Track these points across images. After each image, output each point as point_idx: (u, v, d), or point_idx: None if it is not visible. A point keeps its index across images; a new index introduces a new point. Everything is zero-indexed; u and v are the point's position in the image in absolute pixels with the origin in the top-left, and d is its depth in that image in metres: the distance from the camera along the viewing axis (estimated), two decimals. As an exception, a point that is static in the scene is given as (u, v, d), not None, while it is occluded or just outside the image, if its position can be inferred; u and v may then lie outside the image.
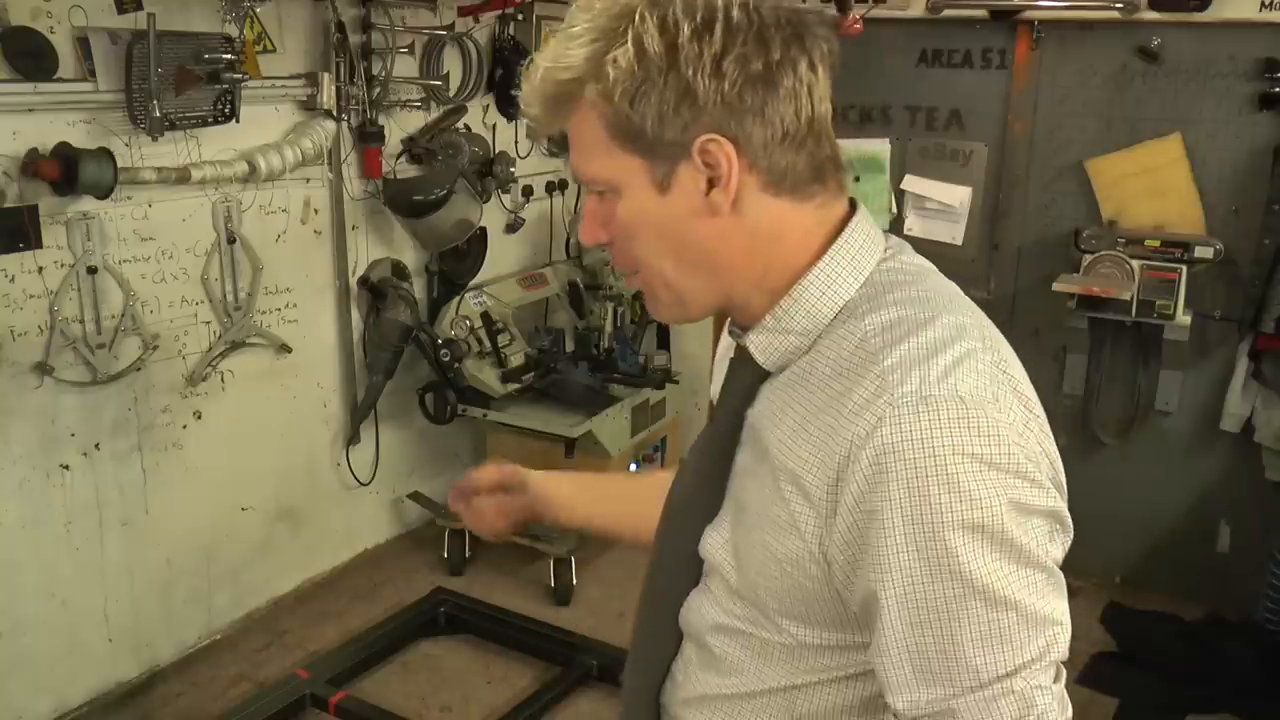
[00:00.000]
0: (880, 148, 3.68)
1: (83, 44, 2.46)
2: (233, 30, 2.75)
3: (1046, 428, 0.87)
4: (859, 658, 0.90)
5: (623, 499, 1.37)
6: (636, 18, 0.84)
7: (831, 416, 0.84)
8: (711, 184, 0.87)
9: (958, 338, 0.84)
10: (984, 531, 0.78)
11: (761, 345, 0.94)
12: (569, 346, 3.85)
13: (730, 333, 1.01)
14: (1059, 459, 0.87)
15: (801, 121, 0.87)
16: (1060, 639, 0.82)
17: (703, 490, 0.99)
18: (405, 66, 3.34)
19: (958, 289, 0.95)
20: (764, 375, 0.95)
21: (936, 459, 0.78)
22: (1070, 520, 0.86)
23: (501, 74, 3.66)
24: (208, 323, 2.93)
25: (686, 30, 0.84)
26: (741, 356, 0.97)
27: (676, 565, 1.01)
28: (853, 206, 0.95)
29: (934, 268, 0.98)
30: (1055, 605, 0.82)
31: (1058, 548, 0.84)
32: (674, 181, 0.88)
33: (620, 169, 0.89)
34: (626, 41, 0.84)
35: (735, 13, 0.85)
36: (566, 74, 0.87)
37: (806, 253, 0.92)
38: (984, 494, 0.78)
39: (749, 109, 0.85)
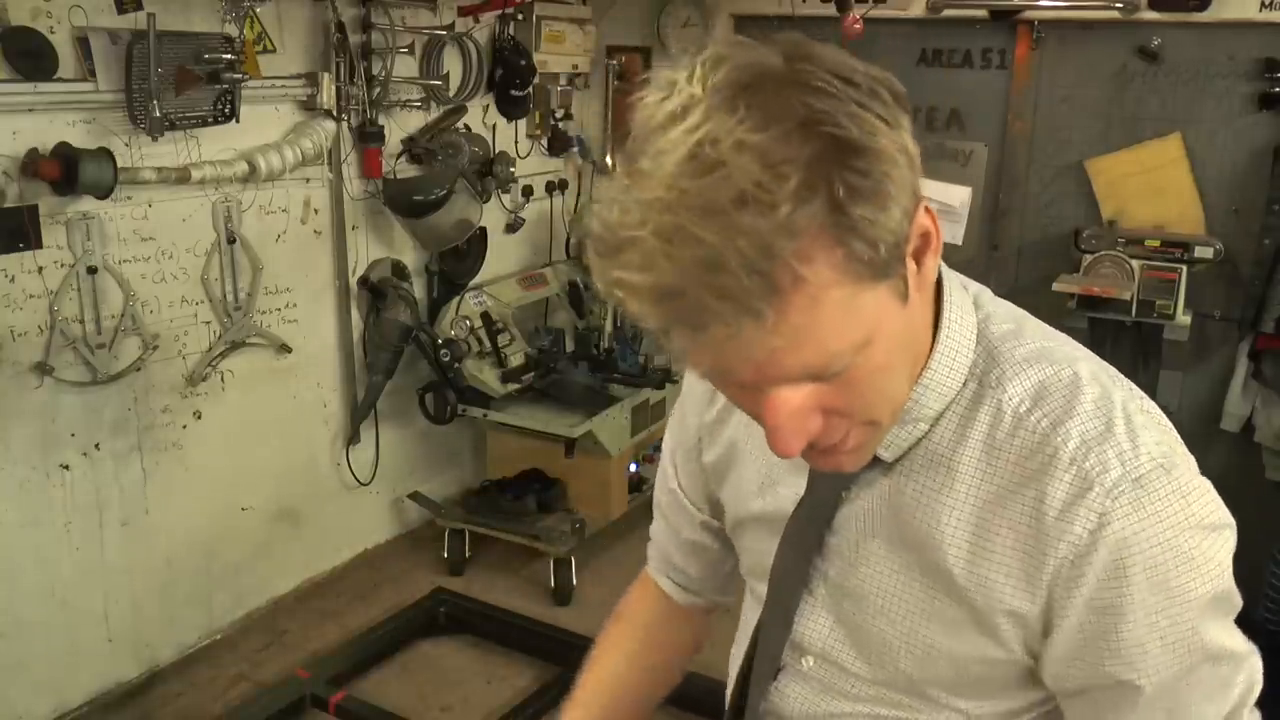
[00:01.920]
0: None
1: (83, 44, 2.46)
2: (233, 30, 2.75)
3: None
4: (1038, 713, 0.87)
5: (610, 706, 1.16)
6: (818, 112, 0.61)
7: (1027, 522, 0.77)
8: (918, 256, 0.71)
9: (1108, 390, 0.80)
10: (1217, 598, 0.78)
11: (886, 439, 0.82)
12: (569, 346, 3.85)
13: None
14: None
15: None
16: (1258, 666, 0.82)
17: (792, 575, 0.93)
18: (405, 66, 3.34)
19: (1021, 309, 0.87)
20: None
21: (1171, 542, 0.75)
22: None
23: (501, 74, 3.65)
24: (208, 323, 2.93)
25: (874, 105, 0.64)
26: None
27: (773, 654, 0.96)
28: None
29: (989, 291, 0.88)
30: (1243, 635, 0.82)
31: None
32: (906, 282, 0.70)
33: (868, 313, 0.66)
34: (836, 153, 0.61)
35: (861, 74, 0.67)
36: (791, 243, 0.60)
37: (928, 322, 0.80)
38: (1214, 562, 0.77)
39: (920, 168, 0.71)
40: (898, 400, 0.77)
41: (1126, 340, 3.41)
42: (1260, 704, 0.84)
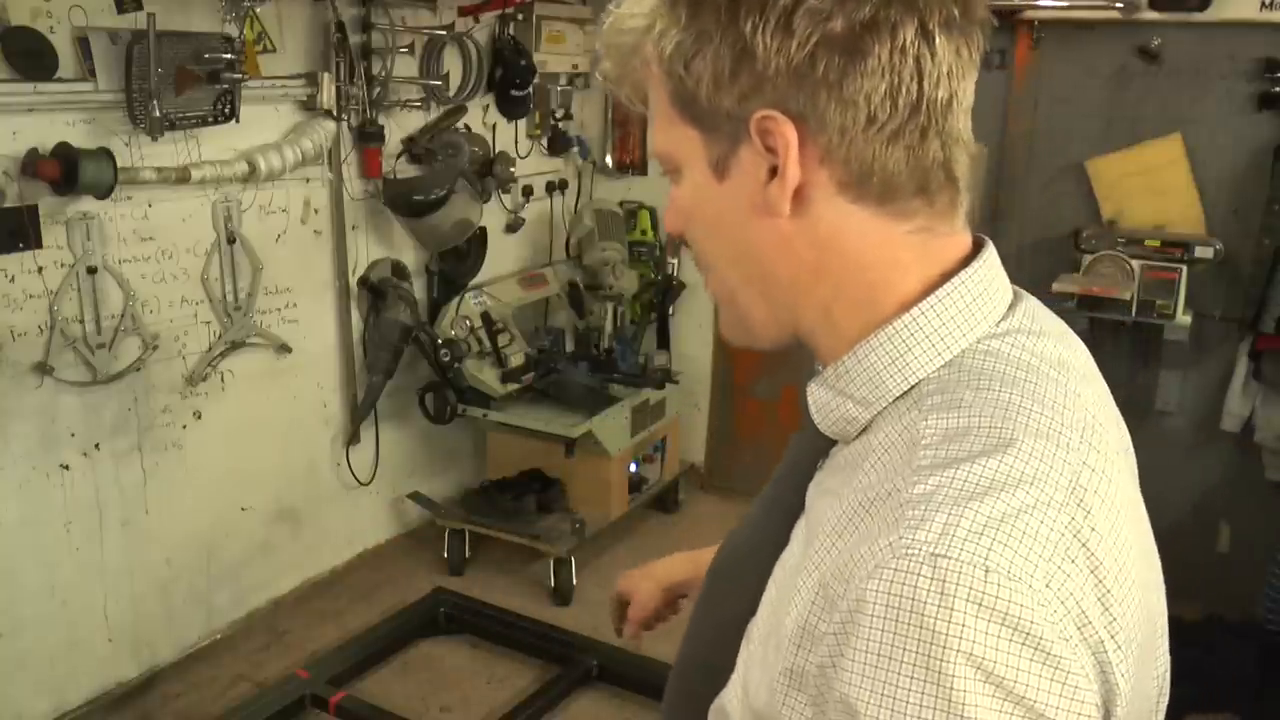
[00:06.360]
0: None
1: (83, 44, 2.46)
2: (233, 30, 2.75)
3: (1143, 609, 0.64)
4: None
5: None
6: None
7: (848, 539, 0.64)
8: (773, 173, 0.68)
9: (1030, 480, 0.60)
10: None
11: (819, 401, 0.74)
12: (569, 346, 3.86)
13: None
14: (1153, 634, 0.68)
15: (899, 107, 0.66)
16: None
17: (756, 554, 0.78)
18: (405, 66, 3.34)
19: (1089, 398, 0.71)
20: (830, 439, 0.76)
21: (921, 651, 0.56)
22: None
23: (501, 74, 3.66)
24: (208, 323, 2.93)
25: (755, 16, 0.66)
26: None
27: (714, 651, 0.79)
28: (977, 247, 0.75)
29: (1064, 359, 0.72)
30: None
31: None
32: (733, 164, 0.70)
33: (679, 142, 0.73)
34: (686, 17, 0.68)
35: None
36: (630, 22, 0.74)
37: (891, 295, 0.70)
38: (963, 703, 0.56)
39: (821, 81, 0.65)
40: (724, 281, 0.76)
41: (1126, 340, 3.41)
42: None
